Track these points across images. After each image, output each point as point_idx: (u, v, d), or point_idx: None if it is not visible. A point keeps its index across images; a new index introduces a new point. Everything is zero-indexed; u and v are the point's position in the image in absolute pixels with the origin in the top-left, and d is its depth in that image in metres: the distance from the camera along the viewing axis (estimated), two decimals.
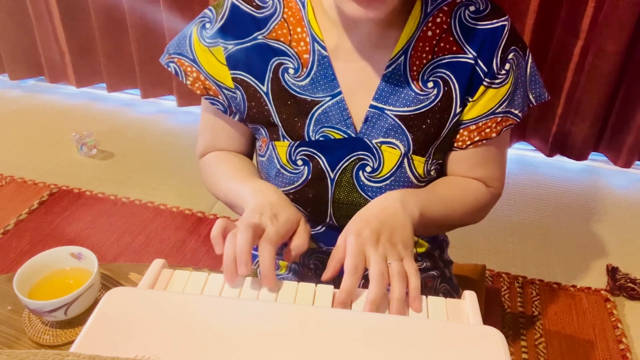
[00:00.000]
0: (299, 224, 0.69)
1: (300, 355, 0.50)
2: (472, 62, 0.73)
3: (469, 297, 0.60)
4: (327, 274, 0.64)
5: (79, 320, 0.69)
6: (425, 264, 0.88)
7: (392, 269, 0.60)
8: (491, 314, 1.10)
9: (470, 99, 0.75)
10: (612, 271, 1.65)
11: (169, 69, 0.79)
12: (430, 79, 0.74)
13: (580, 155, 2.14)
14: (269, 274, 0.59)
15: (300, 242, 0.67)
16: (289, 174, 0.78)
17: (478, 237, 1.82)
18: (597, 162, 2.21)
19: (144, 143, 2.31)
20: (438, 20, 0.73)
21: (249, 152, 0.88)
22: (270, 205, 0.68)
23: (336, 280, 0.83)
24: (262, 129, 0.79)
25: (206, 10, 0.77)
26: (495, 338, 0.53)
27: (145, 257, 1.70)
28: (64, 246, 0.73)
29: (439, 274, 0.89)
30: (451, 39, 0.73)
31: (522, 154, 2.27)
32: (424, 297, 0.60)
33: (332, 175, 0.77)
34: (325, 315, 0.55)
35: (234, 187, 0.78)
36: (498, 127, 0.77)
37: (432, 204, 0.73)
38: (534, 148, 2.24)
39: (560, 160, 2.21)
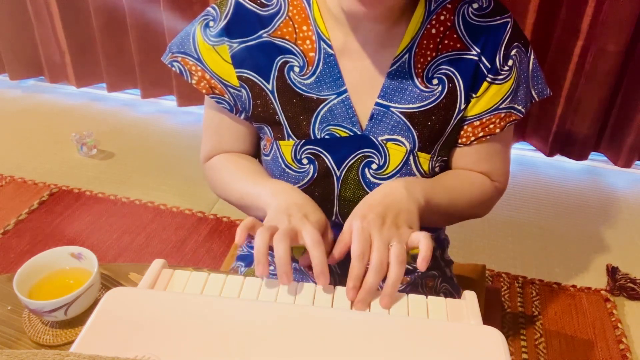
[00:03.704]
0: (327, 228, 0.69)
1: (300, 355, 0.50)
2: (476, 58, 0.74)
3: (469, 297, 0.60)
4: (333, 257, 0.64)
5: (79, 320, 0.69)
6: None
7: (392, 251, 0.60)
8: (491, 314, 1.10)
9: (474, 95, 0.76)
10: (612, 271, 1.65)
11: (173, 68, 0.78)
12: (435, 76, 0.74)
13: (580, 155, 2.14)
14: (325, 272, 0.59)
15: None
16: (294, 173, 0.78)
17: (478, 237, 1.82)
18: (597, 162, 2.21)
19: (144, 143, 2.31)
20: (442, 17, 0.73)
21: (255, 152, 0.87)
22: (296, 206, 0.68)
23: (337, 277, 0.83)
24: (266, 128, 0.79)
25: (209, 9, 0.76)
26: (495, 338, 0.53)
27: (145, 257, 1.70)
28: (64, 246, 0.73)
29: (440, 274, 0.90)
30: (455, 36, 0.73)
31: (522, 154, 2.27)
32: (423, 296, 0.60)
33: (338, 173, 0.77)
34: (325, 315, 0.55)
35: (249, 189, 0.77)
36: (502, 123, 0.77)
37: (437, 192, 0.73)
38: (534, 148, 2.24)
39: (560, 160, 2.21)
